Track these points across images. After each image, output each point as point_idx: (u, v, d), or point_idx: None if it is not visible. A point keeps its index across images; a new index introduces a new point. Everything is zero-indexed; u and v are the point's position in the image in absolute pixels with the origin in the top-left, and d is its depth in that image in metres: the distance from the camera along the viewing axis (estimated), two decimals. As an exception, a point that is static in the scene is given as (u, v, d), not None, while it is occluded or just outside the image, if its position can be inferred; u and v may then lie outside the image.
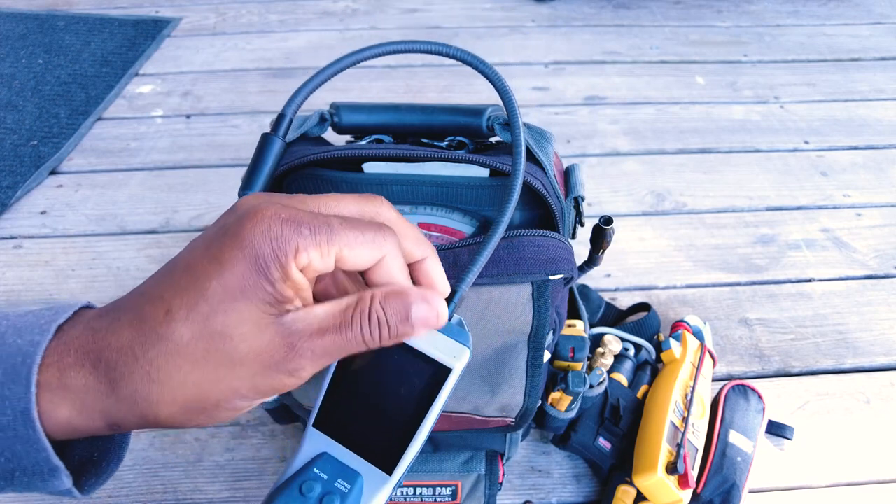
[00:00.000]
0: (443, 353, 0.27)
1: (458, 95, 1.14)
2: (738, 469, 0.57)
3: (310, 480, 0.27)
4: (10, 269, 0.82)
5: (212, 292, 0.23)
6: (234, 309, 0.23)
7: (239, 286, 0.23)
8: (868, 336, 0.75)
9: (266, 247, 0.23)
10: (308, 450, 0.28)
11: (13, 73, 1.18)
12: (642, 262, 0.83)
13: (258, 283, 0.23)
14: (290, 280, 0.24)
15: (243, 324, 0.23)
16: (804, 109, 1.11)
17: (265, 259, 0.23)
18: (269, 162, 0.40)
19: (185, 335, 0.23)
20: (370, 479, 0.27)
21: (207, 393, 0.24)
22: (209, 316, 0.23)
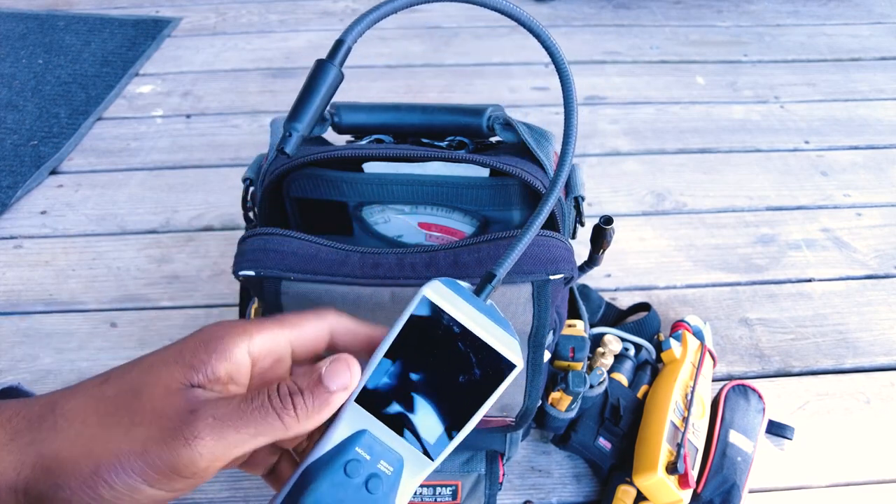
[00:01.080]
0: (506, 348, 0.26)
1: (459, 95, 1.14)
2: (738, 469, 0.57)
3: (354, 461, 0.26)
4: (11, 269, 0.82)
5: (148, 361, 0.24)
6: (156, 372, 0.24)
7: (174, 354, 0.24)
8: (868, 336, 0.75)
9: (216, 330, 0.25)
10: (347, 425, 0.26)
11: (13, 72, 1.18)
12: (642, 261, 0.83)
13: (194, 352, 0.24)
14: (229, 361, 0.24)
15: (157, 385, 0.23)
16: (804, 109, 1.11)
17: (211, 335, 0.24)
18: (321, 92, 0.33)
19: (108, 392, 0.24)
20: (411, 462, 0.27)
21: (92, 452, 0.22)
22: (138, 376, 0.24)
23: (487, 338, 0.26)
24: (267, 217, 0.50)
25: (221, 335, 0.24)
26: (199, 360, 0.24)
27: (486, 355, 0.26)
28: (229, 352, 0.24)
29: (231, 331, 0.25)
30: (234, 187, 0.94)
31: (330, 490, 0.25)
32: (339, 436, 0.26)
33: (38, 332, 0.74)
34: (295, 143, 0.29)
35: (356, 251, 0.45)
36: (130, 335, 0.74)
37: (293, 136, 0.28)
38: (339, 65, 0.34)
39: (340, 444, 0.26)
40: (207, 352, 0.24)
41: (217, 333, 0.25)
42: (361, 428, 0.26)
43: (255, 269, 0.44)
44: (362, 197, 0.49)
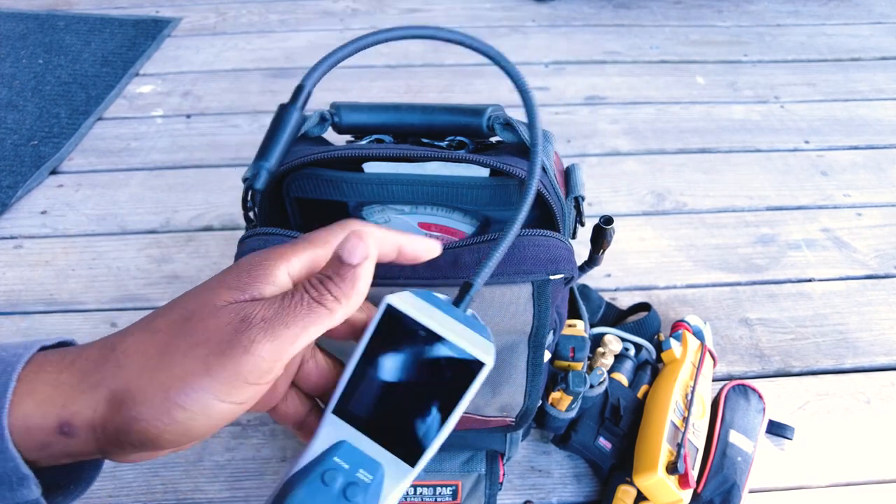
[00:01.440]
0: (474, 347, 0.26)
1: (459, 95, 1.14)
2: (738, 469, 0.57)
3: (331, 470, 0.26)
4: (11, 268, 0.82)
5: (193, 292, 0.25)
6: (204, 296, 0.25)
7: (217, 282, 0.25)
8: (868, 336, 0.75)
9: (255, 257, 0.26)
10: (326, 437, 0.27)
11: (13, 72, 1.18)
12: (642, 261, 0.83)
13: (238, 278, 0.25)
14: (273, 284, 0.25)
15: (206, 306, 0.24)
16: (804, 109, 1.11)
17: (251, 263, 0.25)
18: (284, 133, 0.38)
19: (160, 325, 0.24)
20: (392, 469, 0.27)
21: (158, 380, 0.23)
22: (184, 305, 0.25)
23: (452, 337, 0.26)
24: (267, 217, 0.50)
25: (261, 261, 0.25)
26: (243, 282, 0.25)
27: (453, 356, 0.26)
28: (272, 275, 0.25)
29: (270, 256, 0.26)
30: (234, 187, 0.94)
31: (307, 499, 0.25)
32: (318, 447, 0.27)
33: (38, 332, 0.74)
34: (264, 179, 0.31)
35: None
36: (130, 335, 0.74)
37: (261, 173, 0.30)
38: (300, 108, 0.38)
39: (319, 455, 0.27)
40: (251, 276, 0.25)
41: (256, 260, 0.26)
42: (340, 439, 0.27)
43: (256, 269, 0.44)
44: (362, 197, 0.49)
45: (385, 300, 0.26)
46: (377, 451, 0.27)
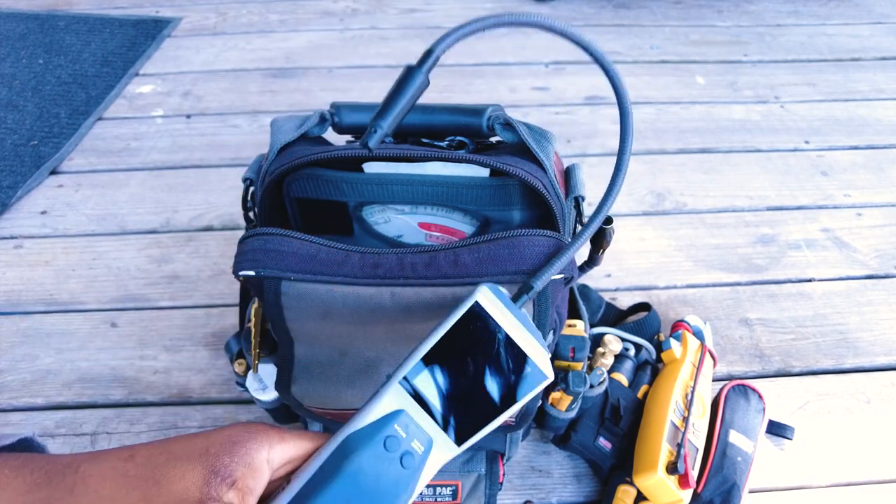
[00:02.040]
0: (543, 362, 0.30)
1: (459, 95, 1.14)
2: (738, 469, 0.57)
3: (393, 437, 0.28)
4: (11, 269, 0.82)
5: (176, 451, 0.25)
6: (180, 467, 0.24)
7: (201, 451, 0.25)
8: (868, 336, 0.75)
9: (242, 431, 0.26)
10: (388, 402, 0.29)
11: (13, 72, 1.18)
12: (642, 261, 0.83)
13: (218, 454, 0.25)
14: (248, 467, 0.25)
15: (177, 482, 0.24)
16: (804, 109, 1.11)
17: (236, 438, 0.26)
18: (406, 95, 0.36)
19: (130, 470, 0.24)
20: (440, 445, 0.29)
21: None
22: (160, 465, 0.24)
23: (528, 349, 0.29)
24: (267, 217, 0.50)
25: (245, 440, 0.26)
26: (221, 463, 0.25)
27: (522, 364, 0.29)
28: (249, 457, 0.25)
29: (255, 437, 0.26)
30: (234, 187, 0.94)
31: (370, 461, 0.27)
32: (379, 411, 0.29)
33: (39, 332, 0.74)
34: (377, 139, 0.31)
35: (356, 251, 0.45)
36: (130, 335, 0.74)
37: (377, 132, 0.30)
38: (426, 72, 0.36)
39: (381, 419, 0.28)
40: (231, 455, 0.25)
41: (241, 438, 0.26)
42: (400, 407, 0.29)
43: (256, 270, 0.44)
44: (362, 197, 0.49)
45: (474, 297, 0.29)
46: (431, 426, 0.29)
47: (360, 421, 0.28)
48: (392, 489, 0.28)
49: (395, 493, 0.28)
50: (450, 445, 0.29)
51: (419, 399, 0.29)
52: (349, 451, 0.27)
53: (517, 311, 0.31)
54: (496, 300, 0.30)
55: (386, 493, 0.27)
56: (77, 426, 0.66)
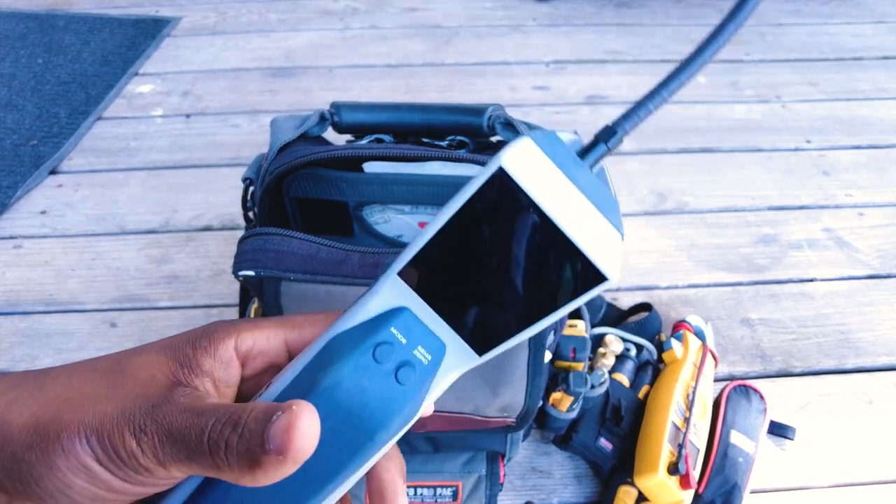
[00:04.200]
0: (598, 250, 0.20)
1: (459, 95, 1.13)
2: (739, 469, 0.57)
3: (386, 344, 0.22)
4: (10, 269, 0.82)
5: (143, 348, 0.24)
6: (145, 358, 0.24)
7: (165, 346, 0.24)
8: (870, 336, 0.74)
9: (208, 326, 0.24)
10: (385, 298, 0.22)
11: (13, 72, 1.18)
12: (644, 261, 0.83)
13: (182, 346, 0.24)
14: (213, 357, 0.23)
15: (146, 370, 0.23)
16: (806, 109, 1.10)
17: (201, 331, 0.24)
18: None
19: (99, 364, 0.24)
20: (454, 353, 0.22)
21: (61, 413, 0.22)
22: (128, 355, 0.24)
23: (576, 237, 0.20)
24: (267, 217, 0.50)
25: (210, 332, 0.24)
26: (184, 354, 0.23)
27: (571, 257, 0.20)
28: (214, 348, 0.24)
29: (220, 328, 0.24)
30: (233, 187, 0.94)
31: (353, 374, 0.22)
32: (373, 308, 0.22)
33: (38, 333, 0.74)
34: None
35: (356, 251, 0.44)
36: (130, 335, 0.74)
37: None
38: None
39: (374, 318, 0.22)
40: (194, 347, 0.24)
41: (207, 330, 0.24)
42: (401, 304, 0.22)
43: (255, 270, 0.44)
44: (362, 197, 0.49)
45: (500, 158, 0.20)
46: (443, 329, 0.22)
47: (351, 320, 0.22)
48: (380, 411, 0.22)
49: (385, 415, 0.22)
50: (468, 353, 0.22)
51: (430, 296, 0.22)
52: (329, 359, 0.22)
53: (580, 168, 0.21)
54: (540, 157, 0.20)
55: (372, 415, 0.22)
56: (76, 427, 0.66)
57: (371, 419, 0.22)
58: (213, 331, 0.24)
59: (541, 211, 0.20)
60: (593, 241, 0.20)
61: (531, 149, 0.20)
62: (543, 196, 0.20)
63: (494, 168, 0.20)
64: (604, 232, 0.20)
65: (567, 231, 0.20)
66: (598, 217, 0.20)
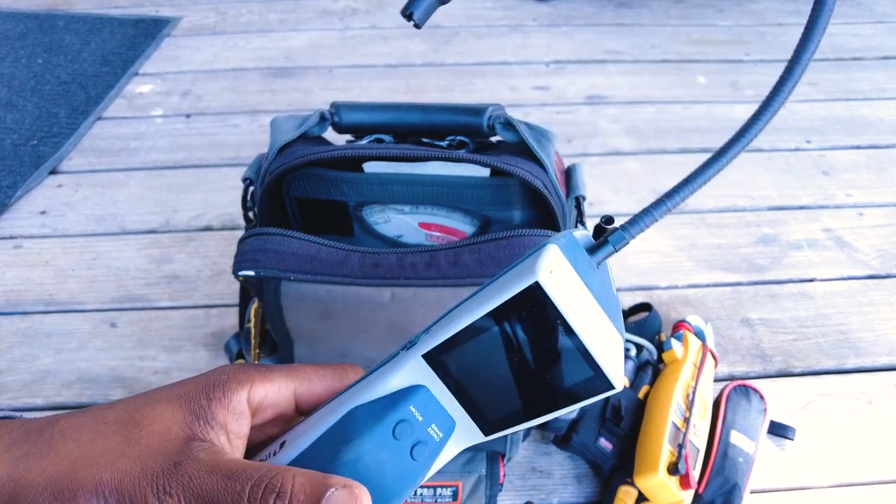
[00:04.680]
0: (611, 364, 0.22)
1: (459, 95, 1.13)
2: (739, 469, 0.57)
3: (406, 423, 0.23)
4: (10, 269, 0.82)
5: (156, 396, 0.24)
6: (160, 408, 0.23)
7: (180, 394, 0.24)
8: (870, 336, 0.74)
9: (220, 374, 0.24)
10: (406, 375, 0.23)
11: (13, 72, 1.18)
12: (643, 261, 0.83)
13: (196, 397, 0.23)
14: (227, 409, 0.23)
15: (159, 423, 0.23)
16: (806, 109, 1.10)
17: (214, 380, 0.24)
18: None
19: (109, 416, 0.23)
20: (462, 430, 0.24)
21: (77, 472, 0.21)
22: (139, 407, 0.23)
23: (595, 351, 0.22)
24: (267, 217, 0.50)
25: (223, 381, 0.24)
26: (199, 405, 0.23)
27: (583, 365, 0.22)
28: (227, 399, 0.23)
29: (233, 377, 0.24)
30: (233, 187, 0.94)
31: (374, 449, 0.23)
32: (395, 384, 0.23)
33: (38, 333, 0.74)
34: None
35: (356, 251, 0.44)
36: (130, 335, 0.74)
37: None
38: None
39: (395, 394, 0.23)
40: (208, 398, 0.23)
41: (219, 379, 0.24)
42: (420, 383, 0.23)
43: (255, 270, 0.44)
44: (362, 197, 0.49)
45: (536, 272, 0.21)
46: (455, 408, 0.24)
47: (371, 392, 0.24)
48: (396, 483, 0.23)
49: (400, 487, 0.23)
50: (474, 432, 0.24)
51: (447, 378, 0.24)
52: (352, 431, 0.23)
53: (593, 272, 0.23)
54: (567, 269, 0.22)
55: (389, 487, 0.23)
56: (76, 427, 0.66)
57: (387, 491, 0.23)
58: (225, 380, 0.24)
59: (569, 327, 0.22)
60: (607, 353, 0.22)
61: (559, 260, 0.22)
62: (571, 312, 0.22)
63: (531, 281, 0.21)
64: (613, 342, 0.22)
65: (589, 347, 0.22)
66: (608, 326, 0.22)
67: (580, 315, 0.22)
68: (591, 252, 0.24)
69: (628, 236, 0.23)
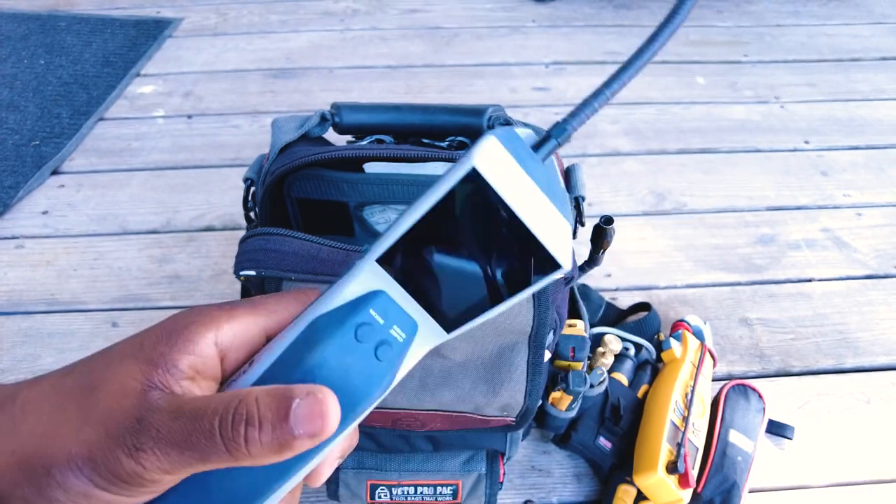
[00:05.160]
0: (556, 245, 0.22)
1: (459, 96, 1.14)
2: (738, 468, 0.57)
3: (367, 325, 0.24)
4: (12, 269, 0.82)
5: (111, 354, 0.22)
6: (115, 367, 0.22)
7: (134, 347, 0.22)
8: (868, 336, 0.75)
9: (182, 319, 0.23)
10: (363, 282, 0.24)
11: (15, 73, 1.18)
12: (643, 261, 0.83)
13: (154, 345, 0.22)
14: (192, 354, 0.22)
15: (112, 382, 0.21)
16: (804, 109, 1.11)
17: (174, 326, 0.22)
18: None
19: (67, 382, 0.22)
20: (425, 330, 0.25)
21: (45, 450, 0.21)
22: (95, 368, 0.22)
23: (539, 229, 0.22)
24: (268, 217, 0.50)
25: (185, 324, 0.22)
26: (158, 353, 0.22)
27: (531, 247, 0.22)
28: (193, 343, 0.22)
29: (196, 319, 0.23)
30: (235, 187, 0.94)
31: (337, 353, 0.23)
32: (352, 291, 0.24)
33: (40, 332, 0.75)
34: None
35: (357, 251, 0.45)
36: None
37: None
38: None
39: (354, 301, 0.24)
40: (168, 344, 0.22)
41: (181, 323, 0.23)
42: (378, 288, 0.24)
43: (256, 269, 0.44)
44: (363, 197, 0.49)
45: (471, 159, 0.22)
46: (415, 309, 0.24)
47: (330, 301, 0.24)
48: (363, 385, 0.23)
49: (367, 389, 0.24)
50: (437, 331, 0.25)
51: (404, 279, 0.24)
52: (313, 339, 0.23)
53: (537, 165, 0.23)
54: (505, 156, 0.22)
55: (356, 390, 0.23)
56: (78, 426, 0.66)
57: (355, 393, 0.23)
58: (188, 324, 0.22)
59: (508, 208, 0.22)
60: (551, 234, 0.22)
61: (497, 148, 0.22)
62: (510, 194, 0.22)
63: (468, 168, 0.22)
64: (558, 224, 0.23)
65: (531, 227, 0.22)
66: (553, 210, 0.23)
67: (520, 198, 0.22)
68: (536, 148, 0.24)
69: (570, 129, 0.24)
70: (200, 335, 0.22)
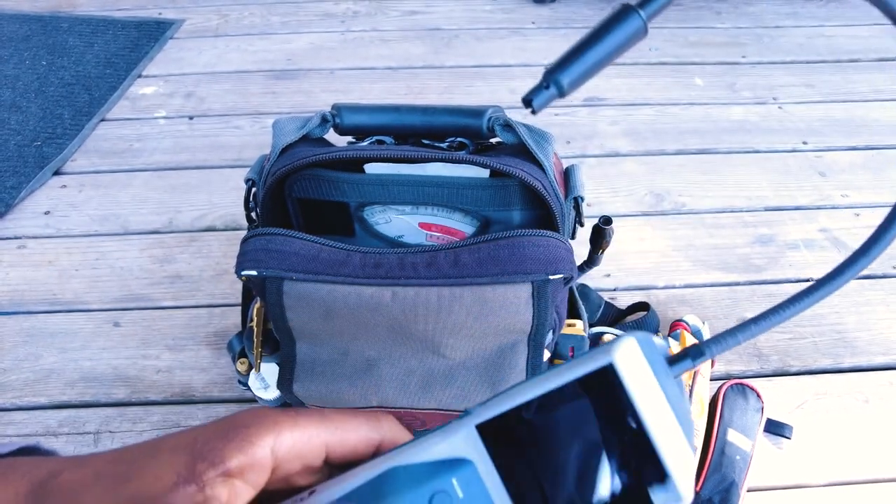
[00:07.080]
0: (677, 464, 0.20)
1: (459, 97, 1.14)
2: (736, 468, 0.58)
3: (444, 493, 0.21)
4: (14, 269, 0.83)
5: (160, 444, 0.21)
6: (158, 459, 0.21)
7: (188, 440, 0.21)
8: (866, 335, 0.75)
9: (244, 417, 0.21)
10: (454, 445, 0.21)
11: (17, 74, 1.18)
12: (641, 261, 0.84)
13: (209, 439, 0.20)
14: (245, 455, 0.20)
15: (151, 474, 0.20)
16: (803, 110, 1.11)
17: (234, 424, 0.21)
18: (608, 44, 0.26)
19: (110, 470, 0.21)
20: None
21: None
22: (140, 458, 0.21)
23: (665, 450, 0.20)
24: (269, 217, 0.50)
25: (246, 424, 0.21)
26: (210, 447, 0.20)
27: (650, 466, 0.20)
28: (249, 444, 0.20)
29: (258, 421, 0.21)
30: (236, 188, 0.95)
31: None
32: (440, 451, 0.21)
33: (42, 332, 0.75)
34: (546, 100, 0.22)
35: (358, 251, 0.45)
36: (133, 335, 0.75)
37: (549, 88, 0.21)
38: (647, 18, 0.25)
39: (438, 462, 0.21)
40: (225, 439, 0.20)
41: (242, 422, 0.21)
42: (468, 457, 0.21)
43: (258, 269, 0.45)
44: (364, 197, 0.49)
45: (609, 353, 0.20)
46: (499, 494, 0.21)
47: (415, 454, 0.22)
48: None
49: None
50: None
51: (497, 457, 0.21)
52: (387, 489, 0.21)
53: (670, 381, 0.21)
54: (642, 361, 0.20)
55: None
56: (80, 425, 0.67)
57: None
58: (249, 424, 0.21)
59: (637, 417, 0.20)
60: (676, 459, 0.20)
61: (635, 351, 0.20)
62: (642, 402, 0.20)
63: (604, 362, 0.20)
64: (683, 449, 0.20)
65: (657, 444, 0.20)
66: (680, 435, 0.20)
67: (650, 410, 0.20)
68: (671, 363, 0.22)
69: (709, 353, 0.22)
70: (260, 437, 0.21)
